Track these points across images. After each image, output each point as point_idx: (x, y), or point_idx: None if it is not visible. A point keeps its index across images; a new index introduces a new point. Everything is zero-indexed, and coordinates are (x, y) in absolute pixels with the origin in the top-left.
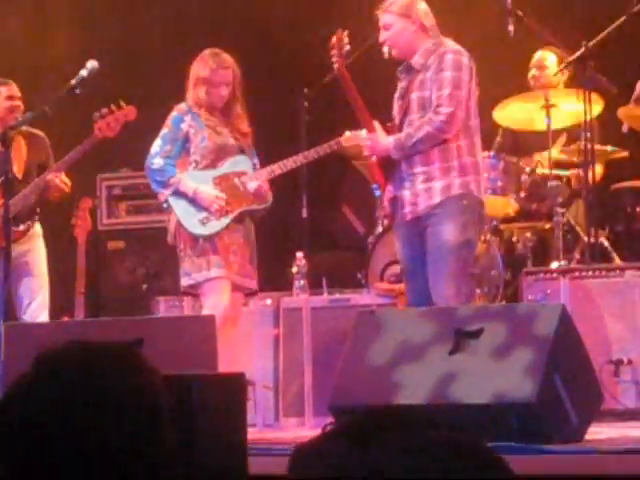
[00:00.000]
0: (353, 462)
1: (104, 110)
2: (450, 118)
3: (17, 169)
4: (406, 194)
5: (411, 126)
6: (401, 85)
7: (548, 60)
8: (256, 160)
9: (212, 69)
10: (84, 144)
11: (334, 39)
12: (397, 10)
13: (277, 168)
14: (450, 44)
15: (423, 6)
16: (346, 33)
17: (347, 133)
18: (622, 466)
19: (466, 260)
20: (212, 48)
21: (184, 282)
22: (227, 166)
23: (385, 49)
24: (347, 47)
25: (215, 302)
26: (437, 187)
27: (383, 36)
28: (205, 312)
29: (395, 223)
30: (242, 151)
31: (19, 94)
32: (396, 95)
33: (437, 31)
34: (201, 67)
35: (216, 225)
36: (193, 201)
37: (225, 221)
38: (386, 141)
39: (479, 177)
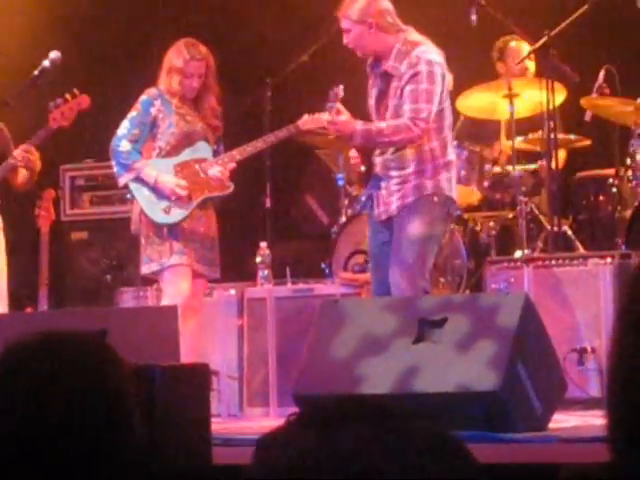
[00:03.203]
0: (319, 451)
1: (59, 100)
2: (424, 134)
3: None
4: (382, 194)
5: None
6: (376, 87)
7: (525, 51)
8: (220, 148)
9: (185, 60)
10: (38, 134)
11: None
12: (352, 16)
13: (237, 153)
14: (422, 51)
15: (379, 5)
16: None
17: (305, 116)
18: (586, 454)
19: (426, 255)
20: (188, 38)
21: (145, 269)
22: (188, 153)
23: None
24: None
25: (175, 290)
26: (410, 187)
27: (345, 39)
28: (165, 300)
29: (369, 217)
30: (205, 138)
31: None
32: (372, 97)
33: (398, 26)
34: (175, 57)
35: (179, 213)
36: (154, 190)
37: (187, 209)
38: (353, 125)
39: (450, 174)
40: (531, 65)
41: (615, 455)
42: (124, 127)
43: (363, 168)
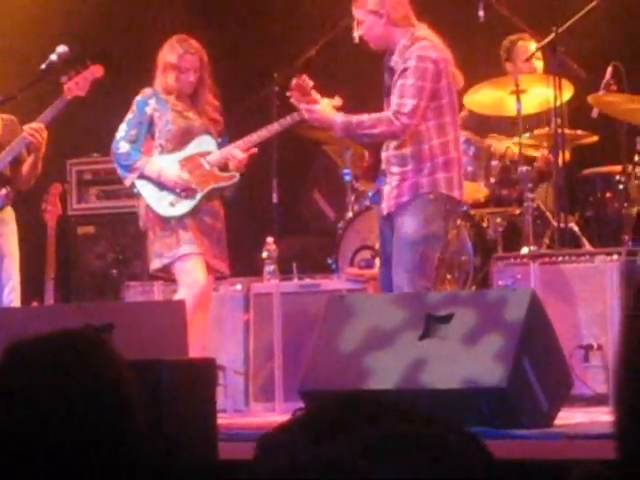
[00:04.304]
0: (316, 453)
1: (71, 72)
2: (406, 129)
3: None
4: (385, 189)
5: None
6: (386, 83)
7: (532, 50)
8: (225, 141)
9: (179, 54)
10: (54, 105)
11: (294, 83)
12: (365, 6)
13: (242, 144)
14: (417, 46)
15: None
16: (305, 77)
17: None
18: (591, 451)
19: (424, 254)
20: (179, 34)
21: (156, 264)
22: (192, 147)
23: (355, 34)
24: (311, 85)
25: (191, 280)
26: (406, 186)
27: (359, 31)
28: (181, 291)
29: (378, 212)
30: (208, 132)
31: None
32: (384, 93)
33: (410, 20)
34: (168, 53)
35: (185, 205)
36: (159, 184)
37: (194, 201)
38: (333, 115)
39: (451, 174)
40: (539, 65)
41: (622, 453)
42: (122, 130)
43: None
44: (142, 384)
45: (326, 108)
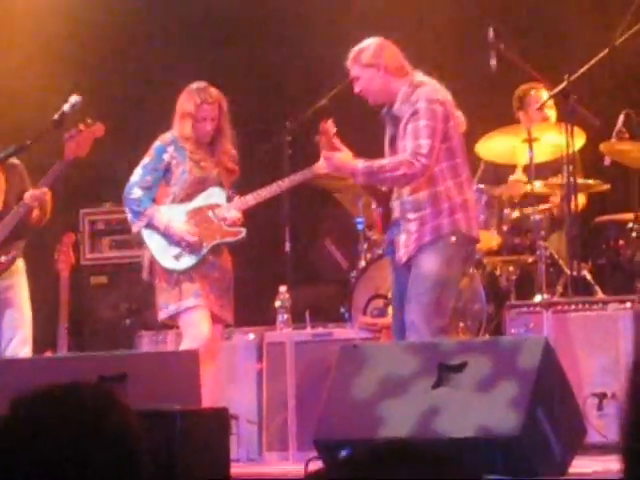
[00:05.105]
0: None
1: (73, 131)
2: (426, 170)
3: None
4: (401, 238)
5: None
6: (389, 132)
7: (544, 99)
8: (231, 192)
9: (197, 104)
10: (55, 168)
11: (321, 127)
12: (361, 61)
13: (252, 199)
14: (423, 90)
15: (387, 49)
16: (331, 122)
17: (322, 160)
18: None
19: (442, 295)
20: (199, 81)
21: (163, 315)
22: (201, 199)
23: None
24: (334, 131)
25: (195, 332)
26: (427, 228)
27: (356, 88)
28: (185, 343)
29: (391, 263)
30: (220, 184)
31: None
32: (386, 143)
33: (406, 70)
34: (186, 101)
35: (189, 260)
36: (165, 236)
37: (199, 256)
38: (353, 162)
39: (469, 214)
40: (552, 114)
41: None
42: (137, 174)
43: (380, 210)
44: (155, 433)
45: (346, 155)
